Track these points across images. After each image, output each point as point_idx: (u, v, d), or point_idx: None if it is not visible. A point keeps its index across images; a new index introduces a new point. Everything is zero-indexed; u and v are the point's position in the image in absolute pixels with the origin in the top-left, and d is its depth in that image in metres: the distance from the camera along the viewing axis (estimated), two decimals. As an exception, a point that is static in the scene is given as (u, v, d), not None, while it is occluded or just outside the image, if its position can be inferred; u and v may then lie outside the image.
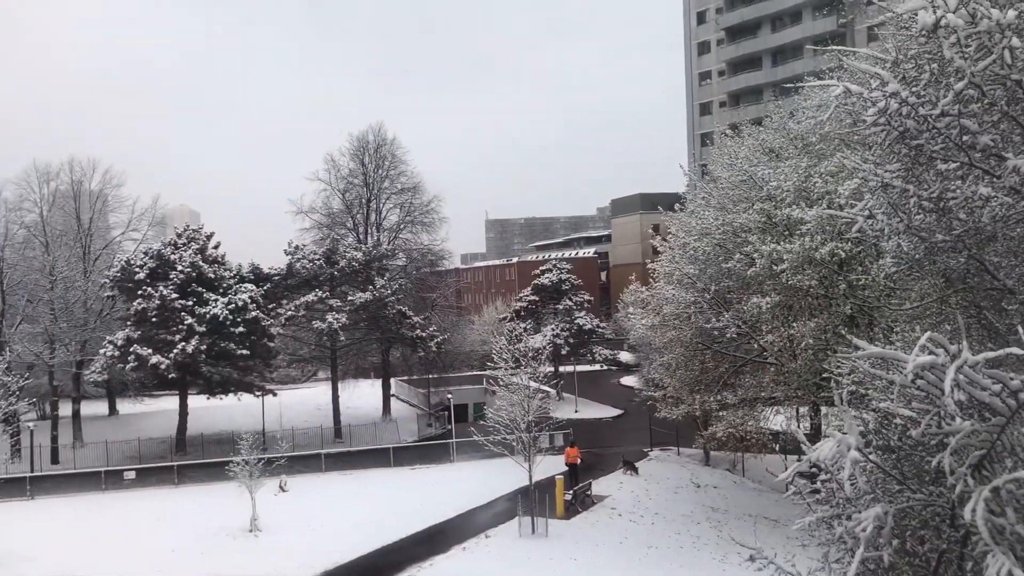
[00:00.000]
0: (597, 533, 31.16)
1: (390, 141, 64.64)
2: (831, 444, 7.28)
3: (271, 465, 35.40)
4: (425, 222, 64.72)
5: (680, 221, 35.89)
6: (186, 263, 49.15)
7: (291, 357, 58.13)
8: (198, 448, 49.52)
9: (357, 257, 54.86)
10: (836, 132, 26.73)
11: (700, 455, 45.02)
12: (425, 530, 32.55)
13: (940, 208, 9.63)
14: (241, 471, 32.93)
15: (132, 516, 36.34)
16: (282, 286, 54.58)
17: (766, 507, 34.34)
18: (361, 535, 31.52)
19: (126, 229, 59.84)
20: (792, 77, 69.67)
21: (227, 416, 56.03)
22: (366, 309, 53.39)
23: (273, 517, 33.78)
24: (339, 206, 64.09)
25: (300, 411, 60.46)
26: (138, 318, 47.44)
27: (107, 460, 46.70)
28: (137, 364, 45.96)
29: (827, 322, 27.53)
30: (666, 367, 36.77)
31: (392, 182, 64.48)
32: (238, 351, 47.57)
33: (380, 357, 61.11)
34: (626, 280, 73.32)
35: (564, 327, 66.82)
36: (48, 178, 54.33)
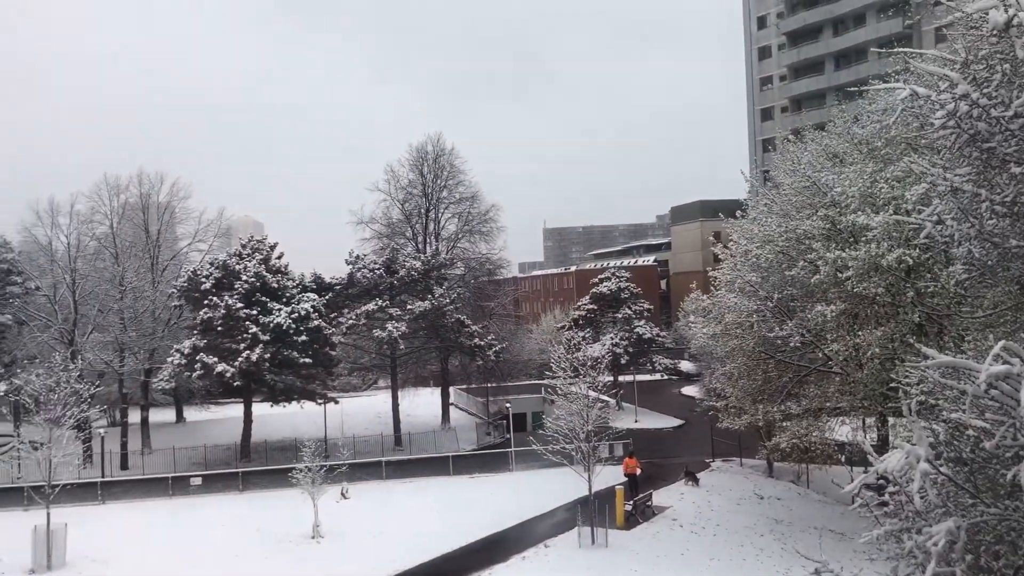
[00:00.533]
0: (658, 544, 30.82)
1: (448, 151, 65.16)
2: (899, 455, 7.10)
3: (333, 472, 35.84)
4: (483, 231, 65.04)
5: (742, 228, 35.41)
6: (250, 273, 50.14)
7: (352, 365, 58.93)
8: (262, 455, 50.38)
9: (416, 266, 55.34)
10: (903, 136, 26.14)
11: (763, 466, 44.26)
12: (484, 539, 32.58)
13: (1014, 212, 9.34)
14: (304, 478, 33.39)
15: (198, 521, 37.12)
16: (343, 295, 55.36)
17: (832, 519, 33.57)
18: (421, 543, 31.69)
19: (193, 240, 61.41)
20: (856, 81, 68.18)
21: (290, 423, 56.98)
22: (425, 318, 53.80)
23: (335, 524, 34.18)
24: (398, 216, 64.76)
25: (361, 419, 61.19)
26: (204, 327, 48.51)
27: (174, 466, 47.81)
28: (203, 372, 46.98)
29: (895, 331, 26.86)
30: (728, 376, 36.25)
31: (450, 192, 64.93)
32: (301, 359, 48.32)
33: (439, 365, 61.47)
34: (686, 288, 72.56)
35: (623, 336, 66.34)
36: (118, 191, 55.98)
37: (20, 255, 55.73)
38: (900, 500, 8.61)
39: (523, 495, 39.00)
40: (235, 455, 50.63)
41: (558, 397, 34.20)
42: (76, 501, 39.73)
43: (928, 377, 12.25)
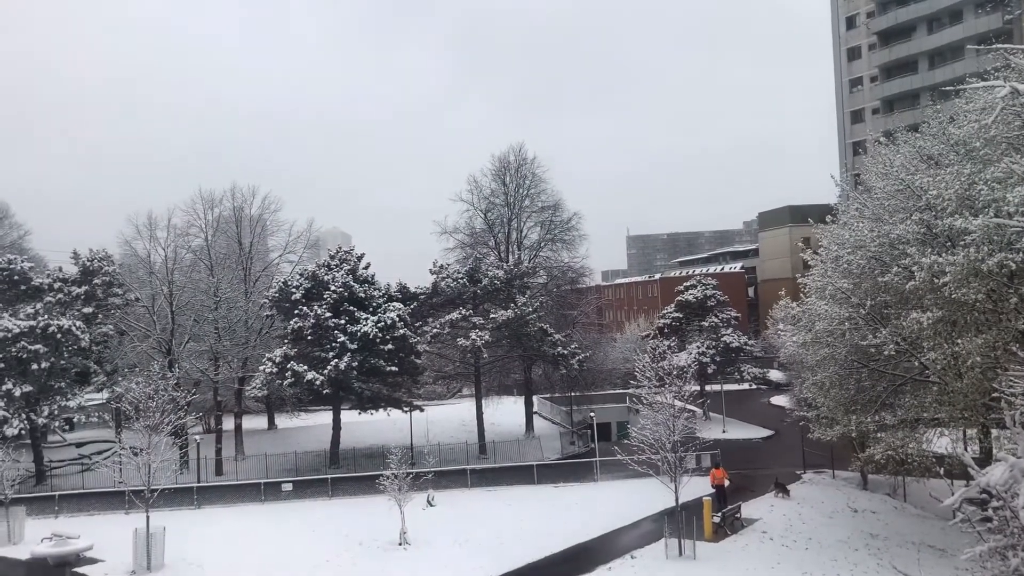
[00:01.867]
0: (747, 557, 30.15)
1: (530, 160, 65.52)
2: (1003, 468, 6.79)
3: (419, 479, 36.24)
4: (565, 239, 65.09)
5: (832, 233, 34.51)
6: (338, 283, 51.25)
7: (436, 374, 59.59)
8: (350, 461, 51.33)
9: (499, 275, 55.66)
10: (1003, 135, 25.01)
11: (857, 479, 42.92)
12: (569, 549, 32.44)
13: None
14: (391, 485, 33.86)
15: (289, 526, 37.98)
16: (427, 304, 56.05)
17: (931, 535, 32.31)
18: (506, 551, 31.76)
19: (283, 252, 63.26)
20: (952, 80, 65.85)
21: (376, 431, 57.97)
22: (508, 326, 54.01)
23: (421, 530, 34.52)
24: (481, 225, 65.39)
25: (446, 427, 61.80)
26: (294, 336, 49.75)
27: (266, 472, 49.10)
28: (293, 380, 48.14)
29: (996, 338, 25.71)
30: (819, 386, 35.25)
31: (532, 200, 65.23)
32: (387, 367, 49.11)
33: (522, 374, 61.61)
34: (775, 296, 71.22)
35: (710, 344, 65.33)
36: (212, 204, 57.95)
37: (121, 268, 58.15)
38: (1005, 515, 8.22)
39: (608, 505, 38.72)
40: (324, 461, 51.68)
41: (643, 406, 33.88)
42: (173, 505, 41.21)
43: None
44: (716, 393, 65.99)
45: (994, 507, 8.56)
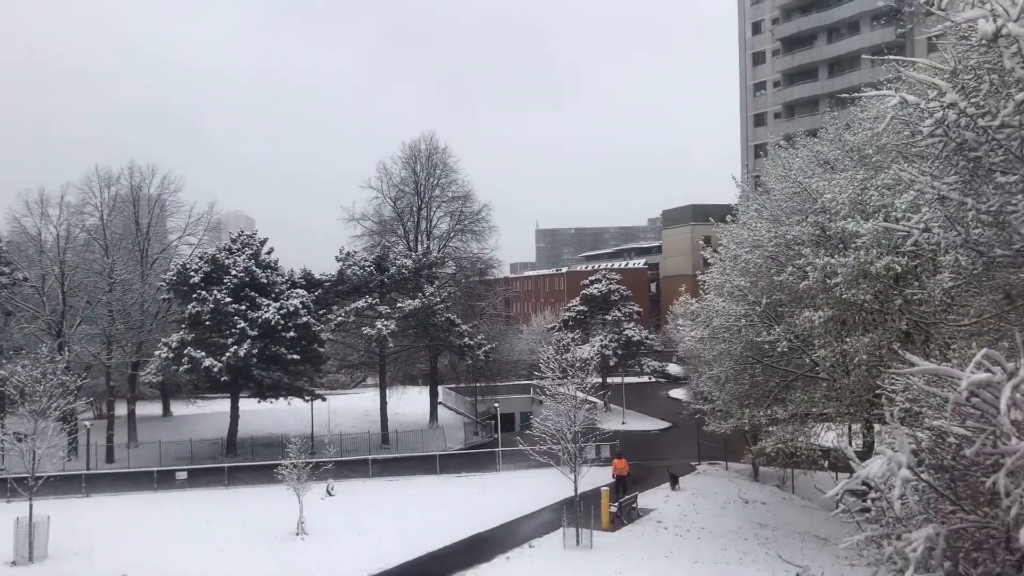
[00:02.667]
0: (643, 546, 30.86)
1: (442, 150, 65.24)
2: (881, 462, 7.13)
3: (319, 469, 35.78)
4: (475, 230, 65.13)
5: (732, 233, 35.50)
6: (240, 268, 50.04)
7: (340, 363, 58.84)
8: (248, 451, 50.29)
9: (407, 264, 55.31)
10: (893, 144, 26.22)
11: (749, 470, 44.39)
12: (469, 538, 32.58)
13: (999, 222, 9.40)
14: (289, 474, 33.33)
15: (182, 516, 37.00)
16: (333, 292, 55.29)
17: (815, 525, 33.70)
18: (406, 541, 31.67)
19: (183, 234, 61.28)
20: (849, 88, 68.57)
21: (277, 420, 56.90)
22: (415, 316, 53.74)
23: (320, 521, 34.11)
24: (390, 214, 64.84)
25: (348, 416, 61.11)
26: (192, 321, 48.40)
27: (160, 460, 47.68)
28: (190, 366, 46.86)
29: (882, 338, 26.96)
30: (715, 380, 36.32)
31: (443, 190, 65.00)
32: (289, 355, 48.25)
33: (428, 364, 61.45)
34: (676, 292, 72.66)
35: (613, 338, 66.47)
36: (109, 183, 55.82)
37: (8, 245, 55.40)
38: (881, 506, 8.65)
39: (509, 495, 39.02)
40: (221, 450, 50.50)
41: (546, 398, 34.28)
42: (60, 494, 39.56)
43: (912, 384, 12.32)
44: (617, 385, 67.18)
45: (872, 498, 8.97)
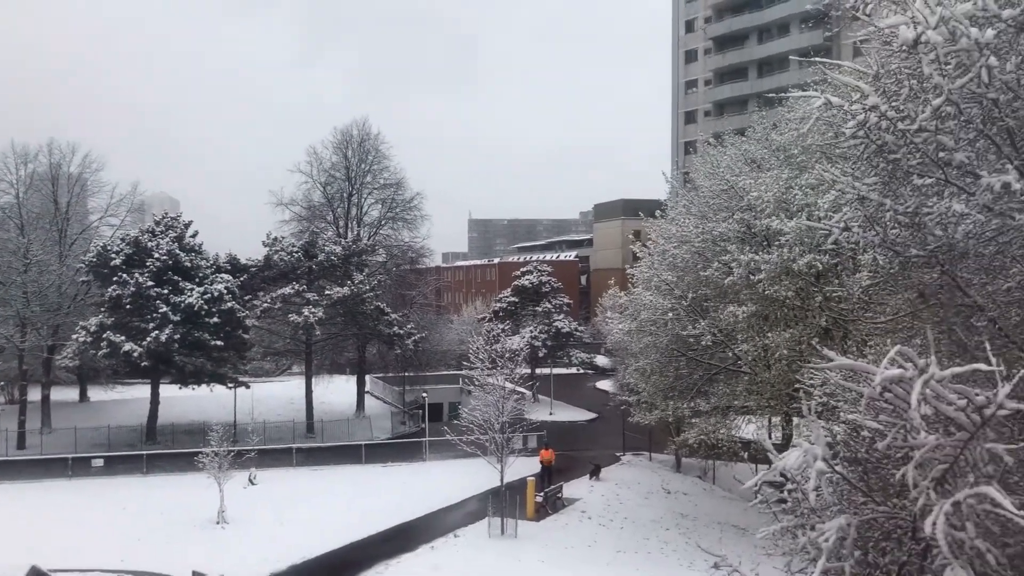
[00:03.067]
0: (566, 536, 31.16)
1: (374, 136, 64.58)
2: (798, 454, 7.29)
3: (241, 458, 35.19)
4: (407, 219, 64.68)
5: (661, 228, 35.99)
6: (163, 251, 48.79)
7: (265, 350, 57.82)
8: (168, 438, 49.15)
9: (336, 251, 54.63)
10: (817, 144, 26.89)
11: (672, 461, 45.18)
12: (394, 528, 32.43)
13: (915, 223, 9.69)
14: (210, 463, 32.70)
15: (98, 504, 35.98)
16: (259, 278, 54.31)
17: (734, 515, 34.48)
18: (329, 531, 31.36)
19: (104, 214, 59.40)
20: (777, 88, 70.00)
21: (199, 407, 55.71)
22: (343, 304, 53.14)
23: (241, 510, 33.56)
24: (320, 199, 63.97)
25: (273, 404, 60.19)
26: (112, 304, 47.03)
27: (75, 447, 46.24)
28: (109, 351, 45.54)
29: (802, 333, 27.70)
30: (641, 372, 36.85)
31: (375, 177, 64.37)
32: (212, 342, 47.26)
33: (356, 353, 60.87)
34: (606, 285, 73.44)
35: (543, 329, 66.83)
36: (26, 160, 53.80)
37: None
38: (797, 497, 8.86)
39: (436, 485, 38.96)
40: (140, 437, 49.23)
41: (475, 388, 34.33)
42: (-33, 481, 38.12)
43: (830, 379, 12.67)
44: (546, 376, 67.60)
45: (789, 490, 9.14)
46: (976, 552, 6.16)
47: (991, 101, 8.42)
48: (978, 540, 6.15)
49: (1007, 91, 8.49)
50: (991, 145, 8.89)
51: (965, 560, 6.12)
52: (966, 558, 6.17)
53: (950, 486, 6.66)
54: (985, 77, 8.03)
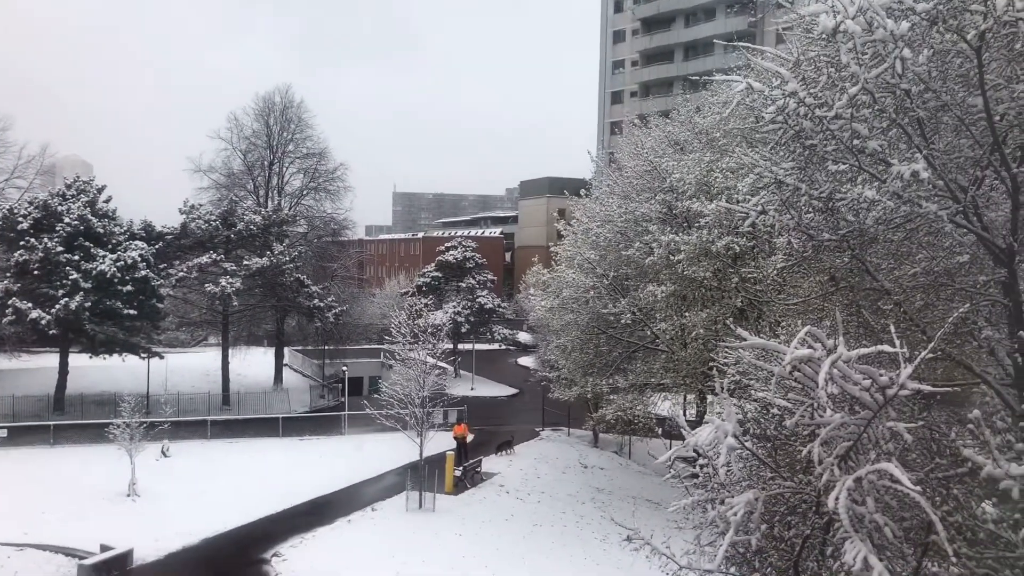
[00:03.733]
0: (484, 510, 31.39)
1: (297, 104, 63.37)
2: (709, 430, 7.47)
3: (154, 429, 34.36)
4: (329, 189, 63.71)
5: (585, 207, 36.28)
6: (74, 216, 47.04)
7: (181, 320, 56.42)
8: (77, 408, 47.66)
9: (256, 221, 53.50)
10: (738, 128, 27.41)
11: (589, 436, 45.85)
12: (310, 501, 32.17)
13: (829, 208, 9.98)
14: (121, 434, 31.84)
15: (1, 476, 34.69)
16: (175, 246, 52.87)
17: (648, 489, 35.23)
18: (244, 504, 30.93)
19: (10, 176, 56.72)
20: (702, 72, 71.00)
21: (110, 377, 54.05)
22: (262, 275, 52.15)
23: (154, 483, 32.83)
24: (240, 167, 62.59)
25: (187, 376, 58.81)
26: (19, 270, 45.22)
27: (-24, 417, 44.45)
28: (15, 318, 43.81)
29: (718, 313, 28.35)
30: (562, 349, 37.24)
31: (297, 146, 63.23)
32: (125, 310, 45.90)
33: (275, 325, 59.91)
34: (530, 262, 73.77)
35: (466, 305, 66.83)
36: (-72, 117, 51.08)
37: None
38: (708, 472, 9.10)
39: (354, 459, 38.75)
40: (48, 407, 47.58)
41: (396, 362, 34.16)
42: None
43: (743, 358, 13.00)
44: (468, 352, 67.74)
45: (700, 465, 9.35)
46: (875, 526, 6.41)
47: (904, 92, 8.70)
48: (877, 514, 6.40)
49: (919, 83, 8.78)
50: (902, 134, 9.19)
51: (865, 534, 6.37)
52: (866, 532, 6.43)
53: (853, 463, 6.91)
54: (899, 68, 8.28)
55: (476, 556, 26.12)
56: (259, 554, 26.28)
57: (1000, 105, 8.59)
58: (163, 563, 25.49)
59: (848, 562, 6.08)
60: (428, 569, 24.83)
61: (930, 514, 6.02)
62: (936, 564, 7.97)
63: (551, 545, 27.96)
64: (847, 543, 6.20)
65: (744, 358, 11.77)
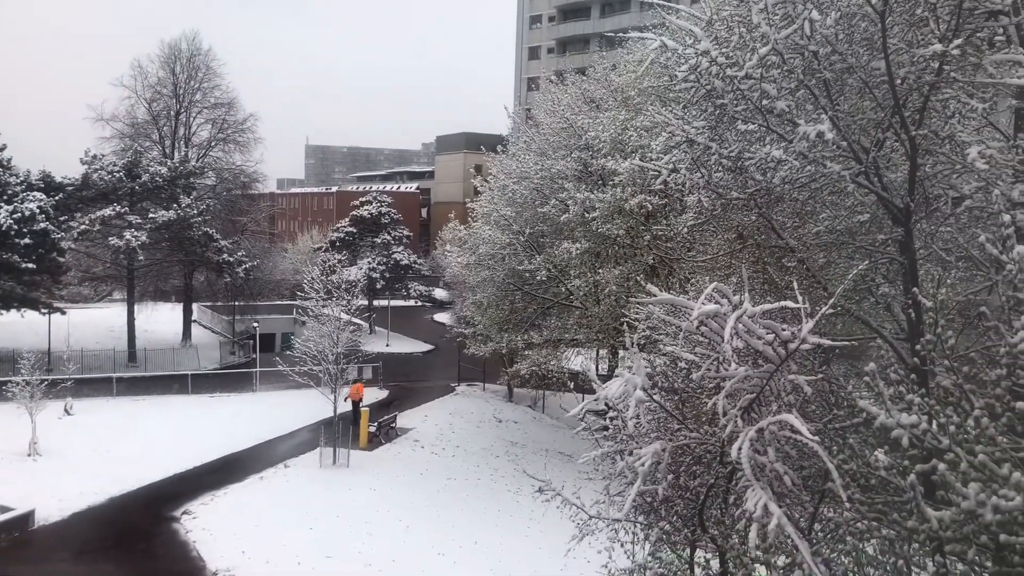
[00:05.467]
0: (399, 464, 31.49)
1: (205, 51, 61.16)
2: (619, 384, 7.63)
3: (56, 387, 33.21)
4: (239, 141, 61.85)
5: (501, 163, 36.19)
6: (-36, 164, 44.64)
7: (84, 274, 54.44)
8: (-28, 366, 45.67)
9: (162, 172, 51.69)
10: (653, 87, 27.65)
11: (504, 391, 46.30)
12: (221, 459, 31.66)
13: (738, 167, 10.18)
14: (21, 392, 30.69)
15: None
16: (76, 198, 50.70)
17: (560, 442, 35.87)
18: (153, 462, 30.26)
19: None
20: (618, 29, 71.10)
21: (9, 334, 51.87)
22: (169, 228, 50.56)
23: (57, 441, 31.79)
24: (144, 116, 60.19)
25: (92, 332, 56.85)
26: (-96, 222, 42.78)
27: None
28: (-99, 272, 41.58)
29: (630, 270, 28.81)
30: (478, 305, 37.36)
31: (205, 95, 61.10)
32: (23, 264, 43.92)
33: (183, 280, 58.32)
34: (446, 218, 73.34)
35: (381, 261, 66.25)
36: None
37: None
38: (618, 424, 9.31)
39: (266, 416, 38.23)
40: (-61, 366, 45.49)
41: (309, 319, 33.75)
42: None
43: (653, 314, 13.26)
44: (383, 308, 67.33)
45: (611, 417, 9.53)
46: (775, 475, 6.67)
47: (812, 53, 8.89)
48: (777, 463, 6.66)
49: (826, 45, 8.98)
50: (809, 96, 9.41)
51: (765, 482, 6.62)
52: (766, 480, 6.68)
53: (756, 414, 7.16)
54: (807, 30, 8.45)
55: (390, 510, 26.24)
56: (169, 512, 25.80)
57: (901, 69, 8.86)
58: (67, 523, 24.80)
59: (749, 509, 6.32)
60: (342, 523, 24.84)
61: (827, 462, 6.30)
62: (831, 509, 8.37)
63: (465, 498, 28.28)
64: (749, 491, 6.45)
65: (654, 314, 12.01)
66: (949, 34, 8.40)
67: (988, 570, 6.01)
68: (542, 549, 22.46)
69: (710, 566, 9.75)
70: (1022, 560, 5.02)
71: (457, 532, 24.77)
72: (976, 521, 4.55)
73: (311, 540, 23.39)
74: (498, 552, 23.34)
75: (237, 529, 24.16)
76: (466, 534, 24.64)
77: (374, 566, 21.84)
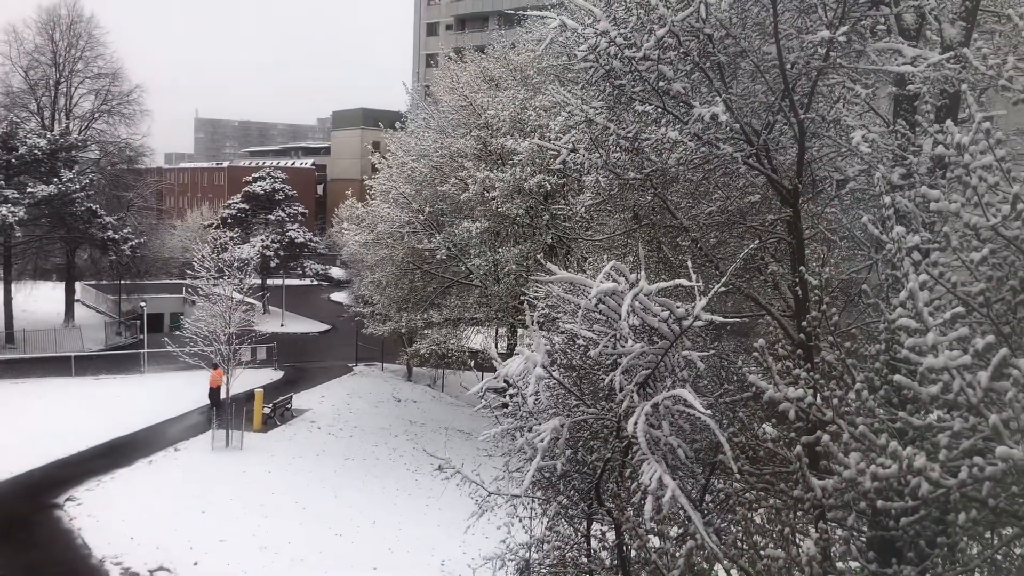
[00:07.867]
0: (294, 446, 31.01)
1: (87, 19, 58.12)
2: (519, 361, 7.67)
3: (-76, 371, 31.37)
4: (124, 113, 59.10)
5: (400, 140, 35.80)
6: None
7: (-45, 252, 51.37)
8: None
9: (40, 144, 49.05)
10: (552, 67, 27.80)
11: (403, 371, 46.10)
12: (108, 443, 30.48)
13: (635, 148, 10.32)
14: None
15: None
16: (-55, 170, 47.73)
17: (460, 420, 35.98)
18: (32, 448, 28.87)
19: None
20: (518, 7, 71.06)
21: None
22: (49, 204, 48.13)
23: (-76, 429, 30.07)
24: (21, 85, 56.91)
25: (-37, 312, 53.83)
26: None
27: None
28: None
29: (530, 249, 29.03)
30: (376, 284, 36.98)
31: (87, 65, 58.12)
32: None
33: (64, 258, 55.71)
34: (343, 195, 72.22)
35: (275, 239, 64.74)
36: None
37: None
38: (518, 402, 9.38)
39: (155, 398, 36.98)
40: None
41: (200, 298, 32.80)
42: None
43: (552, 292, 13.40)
44: (278, 287, 65.94)
45: (510, 395, 9.59)
46: (669, 448, 6.84)
47: (707, 36, 9.07)
48: (672, 437, 6.84)
49: (721, 28, 9.18)
50: (704, 78, 9.60)
51: (660, 455, 6.78)
52: (661, 454, 6.85)
53: (651, 390, 7.31)
54: (703, 12, 8.62)
55: (286, 492, 25.85)
56: (51, 499, 24.72)
57: (791, 54, 9.14)
58: (-62, 514, 23.52)
59: (645, 482, 6.47)
60: (235, 506, 24.34)
61: (718, 435, 6.49)
62: (722, 481, 8.66)
63: (364, 477, 28.09)
64: (644, 464, 6.60)
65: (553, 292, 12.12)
66: (836, 21, 8.71)
67: (865, 534, 6.34)
68: (441, 527, 22.54)
69: (606, 538, 9.97)
70: (896, 524, 5.30)
71: (355, 512, 24.61)
72: (856, 489, 4.78)
73: (203, 524, 22.84)
74: (396, 531, 23.31)
75: (125, 515, 23.36)
76: (364, 514, 24.51)
77: (269, 548, 21.50)
